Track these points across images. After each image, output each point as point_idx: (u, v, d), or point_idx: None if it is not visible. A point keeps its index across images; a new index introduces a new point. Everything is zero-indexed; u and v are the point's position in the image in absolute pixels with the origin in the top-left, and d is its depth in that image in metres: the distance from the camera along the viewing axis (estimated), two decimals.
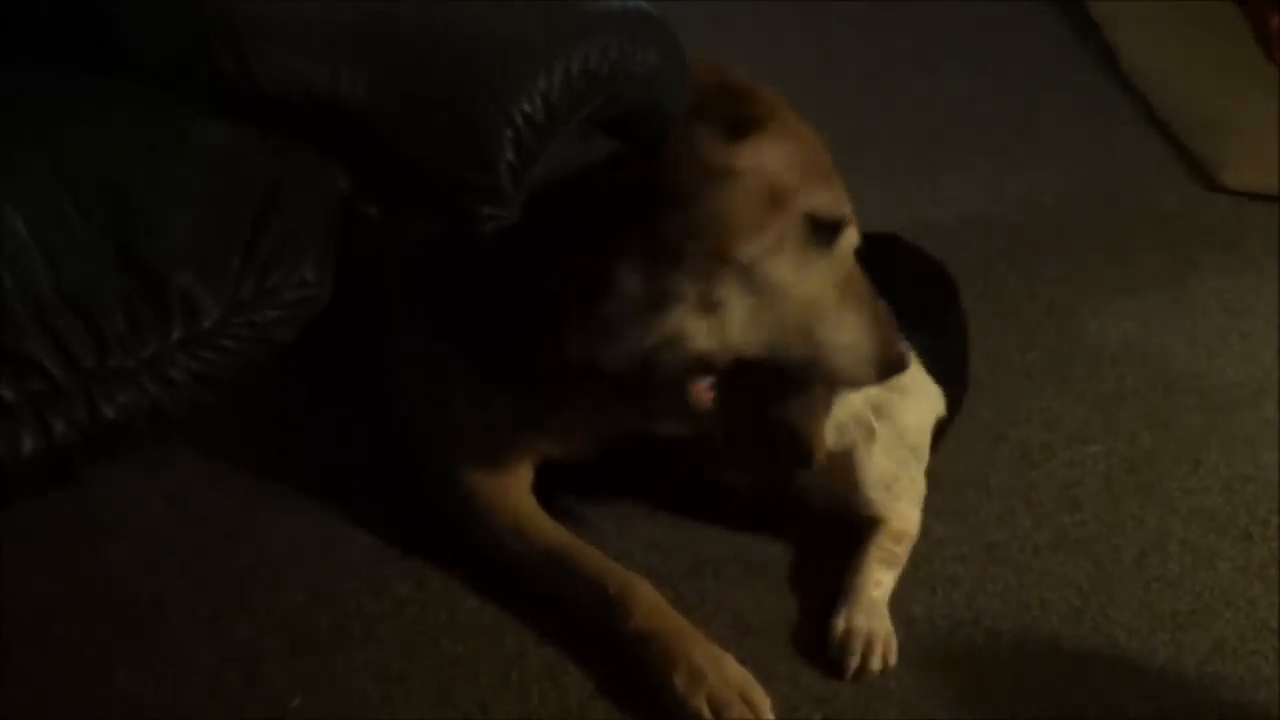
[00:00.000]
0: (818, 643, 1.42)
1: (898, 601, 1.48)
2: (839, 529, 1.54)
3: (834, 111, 2.47)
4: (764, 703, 1.30)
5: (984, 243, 2.13)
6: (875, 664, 1.38)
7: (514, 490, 1.49)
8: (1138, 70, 2.64)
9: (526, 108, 0.99)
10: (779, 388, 1.34)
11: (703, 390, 1.31)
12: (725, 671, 1.32)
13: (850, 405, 1.47)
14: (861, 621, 1.40)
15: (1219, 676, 1.43)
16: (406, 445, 1.55)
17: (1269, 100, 2.49)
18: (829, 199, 1.32)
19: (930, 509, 1.60)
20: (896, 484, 1.53)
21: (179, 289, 0.85)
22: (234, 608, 1.42)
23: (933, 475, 1.62)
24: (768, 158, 1.28)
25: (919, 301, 1.58)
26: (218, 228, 0.87)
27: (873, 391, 1.45)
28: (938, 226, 2.15)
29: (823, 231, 1.31)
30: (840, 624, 1.41)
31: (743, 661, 1.36)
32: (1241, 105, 2.51)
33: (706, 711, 1.29)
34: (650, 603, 1.37)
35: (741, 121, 1.28)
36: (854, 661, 1.37)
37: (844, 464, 1.50)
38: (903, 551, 1.51)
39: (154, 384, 0.83)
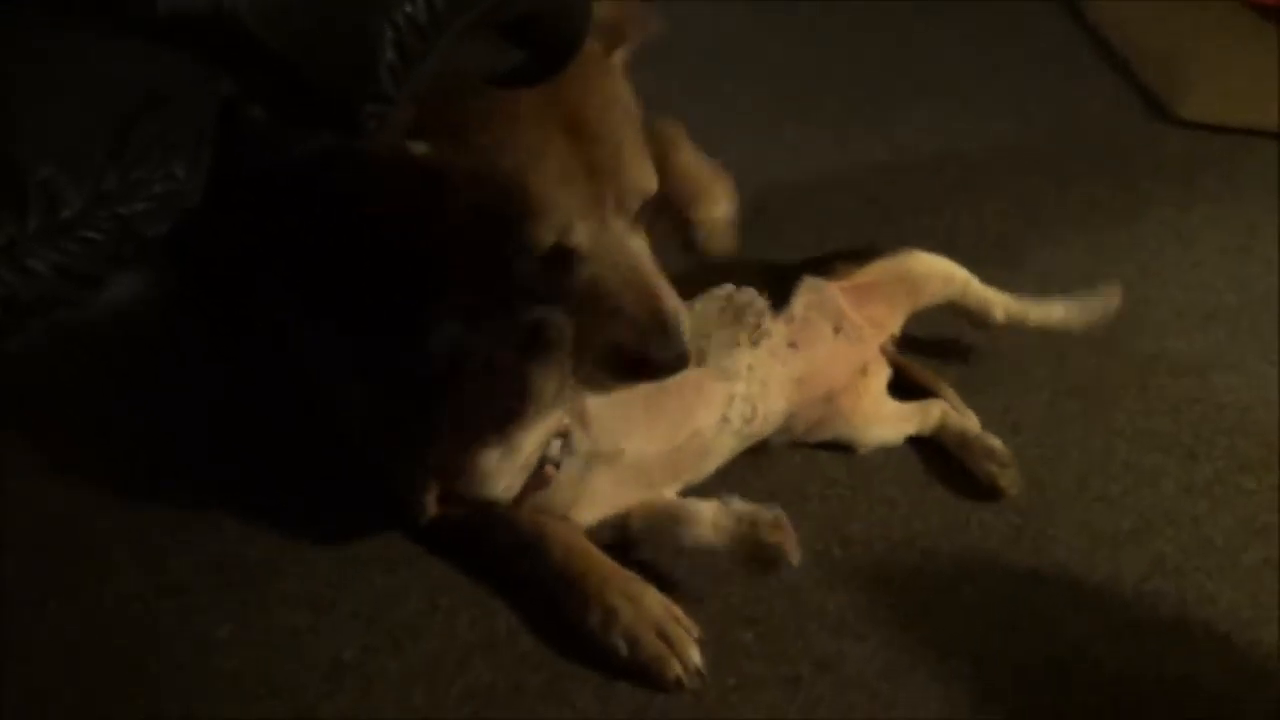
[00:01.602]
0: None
1: (834, 522, 1.47)
2: (764, 457, 1.53)
3: (784, 55, 2.48)
4: (683, 636, 1.29)
5: (933, 181, 2.12)
6: None
7: None
8: (1094, 5, 2.62)
9: (408, 8, 0.97)
10: None
11: None
12: (642, 608, 1.30)
13: None
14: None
15: (1159, 593, 1.43)
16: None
17: (1227, 32, 2.47)
18: None
19: None
20: None
21: (39, 179, 0.83)
22: (167, 543, 1.41)
23: None
24: None
25: None
26: (86, 124, 0.86)
27: None
28: (887, 166, 2.15)
29: None
30: None
31: (673, 585, 1.36)
32: (1199, 37, 2.49)
33: (624, 649, 1.28)
34: (566, 544, 1.36)
35: None
36: None
37: None
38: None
39: (11, 273, 0.82)
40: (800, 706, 1.26)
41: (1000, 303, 1.66)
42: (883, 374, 1.60)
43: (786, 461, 1.54)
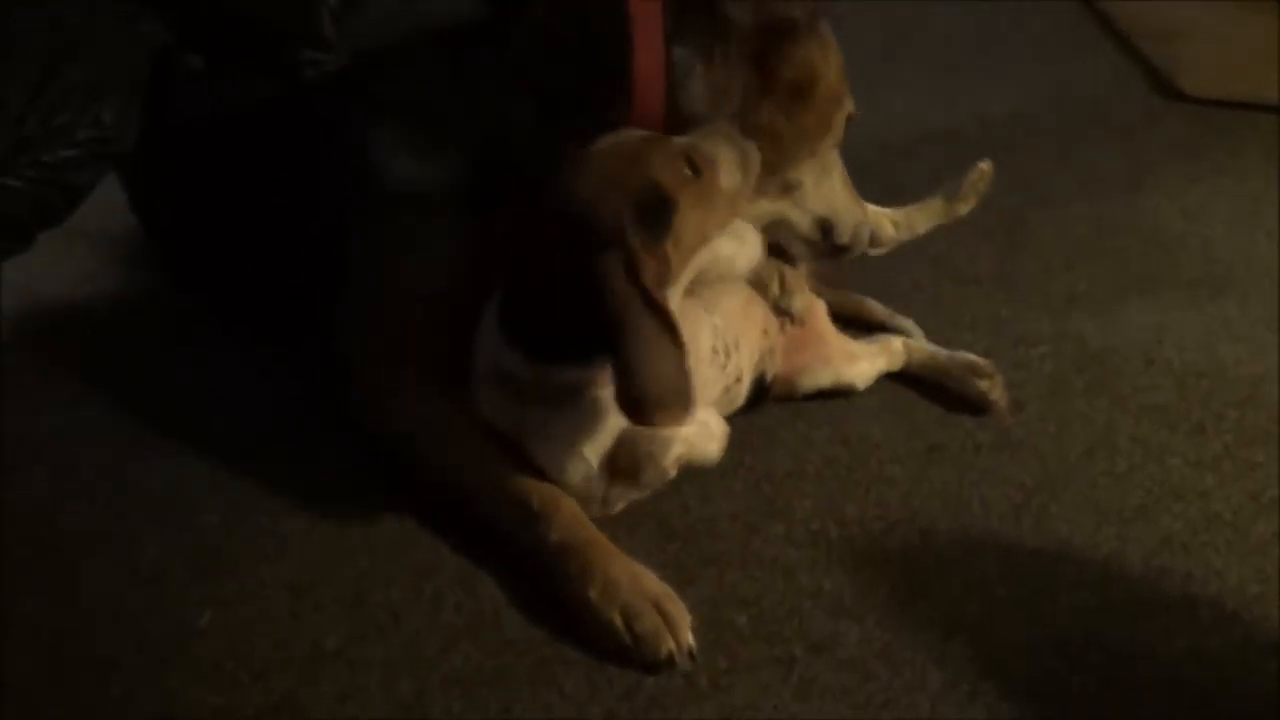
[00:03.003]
0: (741, 548, 1.37)
1: (830, 502, 1.44)
2: (759, 436, 1.50)
3: None
4: (681, 615, 1.25)
5: (933, 156, 2.09)
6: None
7: (444, 397, 1.43)
8: None
9: None
10: None
11: None
12: (641, 584, 1.28)
13: None
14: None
15: (1165, 570, 1.38)
16: (343, 347, 1.49)
17: (1229, 9, 2.44)
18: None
19: (869, 411, 1.57)
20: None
21: None
22: (145, 531, 1.38)
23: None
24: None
25: None
26: (6, 68, 0.82)
27: None
28: (888, 143, 2.11)
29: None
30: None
31: (666, 566, 1.32)
32: (1202, 14, 2.46)
33: (619, 622, 1.25)
34: (571, 516, 1.33)
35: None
36: None
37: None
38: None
39: None
40: (794, 689, 1.22)
41: (888, 215, 1.73)
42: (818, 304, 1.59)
43: (783, 440, 1.51)
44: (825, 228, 1.57)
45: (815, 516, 1.42)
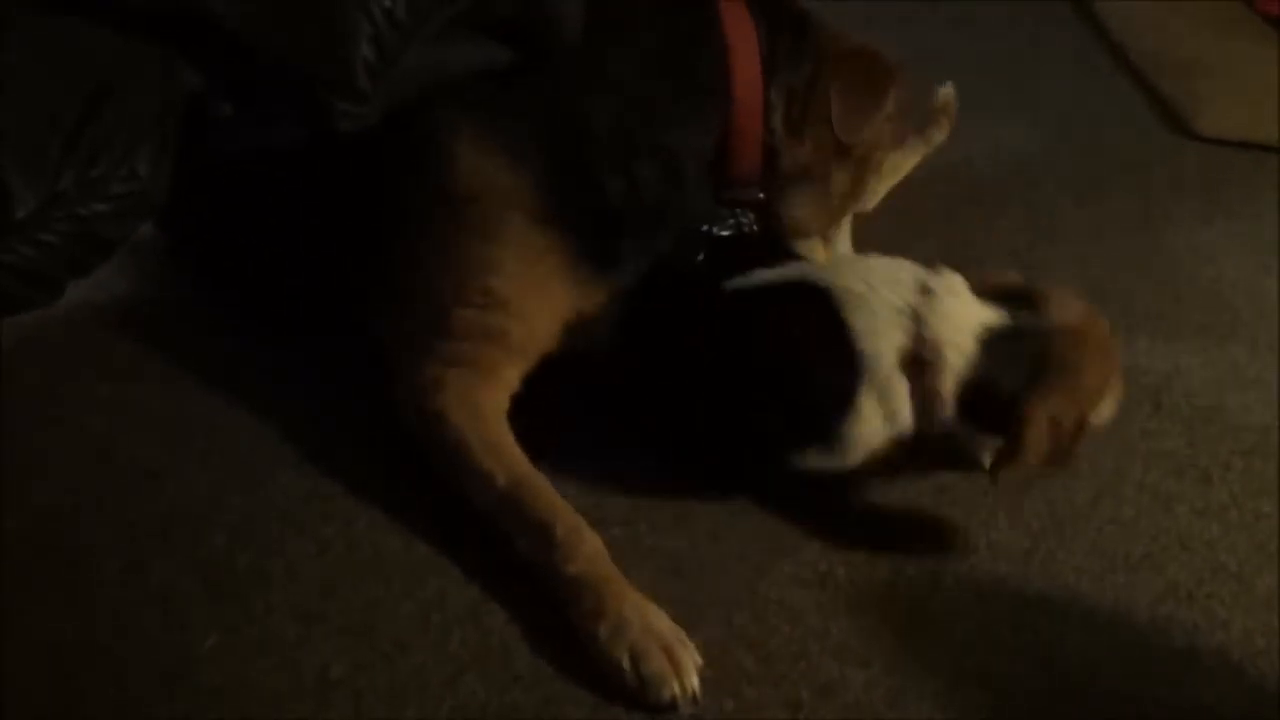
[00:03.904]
0: (749, 588, 1.37)
1: (838, 543, 1.44)
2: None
3: None
4: (688, 660, 1.26)
5: (948, 191, 2.08)
6: None
7: (492, 405, 1.45)
8: (1113, 17, 2.59)
9: (387, 3, 0.94)
10: None
11: None
12: (652, 624, 1.28)
13: None
14: None
15: (1171, 620, 1.39)
16: (387, 357, 1.52)
17: (1245, 47, 2.45)
18: None
19: None
20: None
21: None
22: (153, 549, 1.38)
23: None
24: None
25: None
26: (39, 116, 0.82)
27: None
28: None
29: None
30: None
31: (674, 604, 1.32)
32: (1218, 52, 2.47)
33: (626, 661, 1.25)
34: (592, 551, 1.33)
35: None
36: None
37: None
38: None
39: None
40: None
41: None
42: None
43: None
44: None
45: (823, 557, 1.42)
